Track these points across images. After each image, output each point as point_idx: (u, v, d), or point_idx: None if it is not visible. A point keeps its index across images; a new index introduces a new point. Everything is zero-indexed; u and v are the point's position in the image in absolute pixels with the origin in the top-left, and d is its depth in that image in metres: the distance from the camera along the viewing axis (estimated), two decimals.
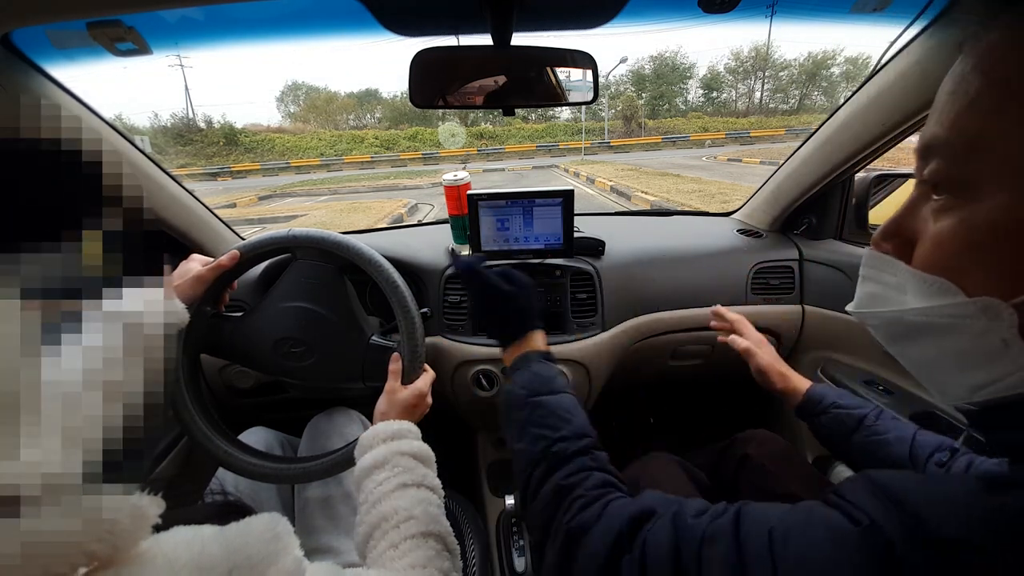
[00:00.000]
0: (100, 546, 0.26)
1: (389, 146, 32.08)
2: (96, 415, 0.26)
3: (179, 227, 1.04)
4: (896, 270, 0.32)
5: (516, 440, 0.52)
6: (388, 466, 0.57)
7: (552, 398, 0.53)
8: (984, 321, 0.27)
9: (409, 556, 0.49)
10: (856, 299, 0.37)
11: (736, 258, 1.17)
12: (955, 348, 0.30)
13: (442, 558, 0.50)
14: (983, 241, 0.27)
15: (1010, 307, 0.26)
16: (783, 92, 47.05)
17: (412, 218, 8.53)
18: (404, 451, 0.59)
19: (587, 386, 1.11)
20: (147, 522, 0.29)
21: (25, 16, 0.61)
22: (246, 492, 0.83)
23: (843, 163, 0.99)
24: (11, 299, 0.24)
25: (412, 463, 0.58)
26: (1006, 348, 0.27)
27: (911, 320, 0.31)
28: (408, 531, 0.51)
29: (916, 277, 0.30)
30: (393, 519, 0.52)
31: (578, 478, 0.44)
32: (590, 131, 33.74)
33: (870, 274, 0.36)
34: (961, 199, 0.28)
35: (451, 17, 0.70)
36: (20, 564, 0.23)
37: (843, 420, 0.70)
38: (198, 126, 33.65)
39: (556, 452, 0.47)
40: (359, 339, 0.81)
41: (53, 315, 0.26)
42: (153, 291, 0.31)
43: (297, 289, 0.81)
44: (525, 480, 0.48)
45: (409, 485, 0.56)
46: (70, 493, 0.24)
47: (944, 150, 0.29)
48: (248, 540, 0.33)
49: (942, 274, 0.29)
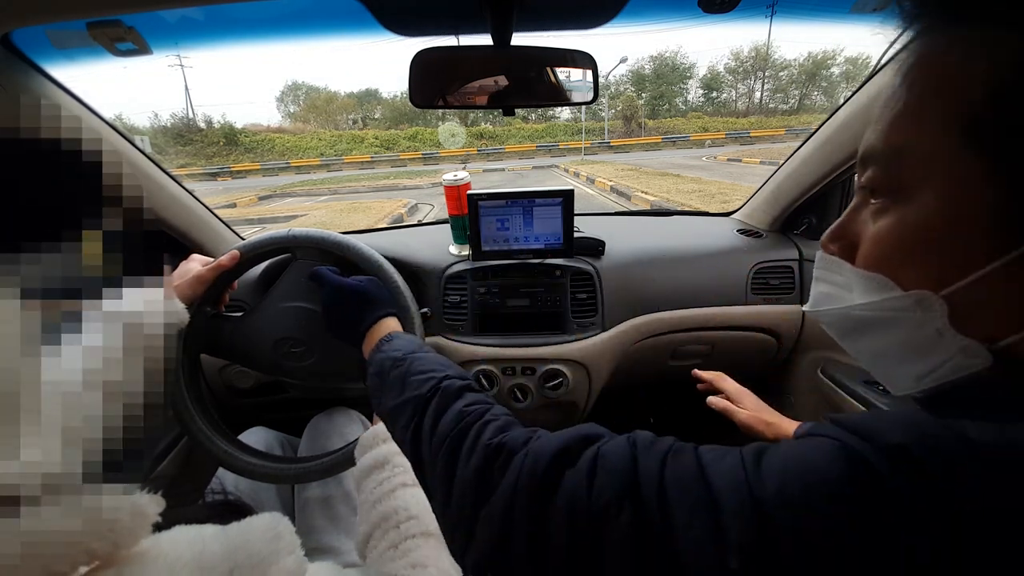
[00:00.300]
0: (101, 545, 0.26)
1: (389, 146, 32.08)
2: (96, 415, 0.26)
3: (179, 227, 1.04)
4: (842, 270, 0.35)
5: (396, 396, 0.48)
6: (388, 466, 0.57)
7: (427, 354, 0.52)
8: (919, 313, 0.30)
9: (410, 556, 0.49)
10: (811, 299, 0.40)
11: (736, 258, 1.17)
12: (897, 340, 0.32)
13: (445, 557, 0.50)
14: (914, 239, 0.30)
15: (940, 299, 0.29)
16: (783, 92, 47.08)
17: (412, 218, 8.54)
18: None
19: (587, 386, 1.11)
20: (147, 521, 0.29)
21: (25, 16, 0.61)
22: (246, 492, 0.83)
23: (843, 163, 0.99)
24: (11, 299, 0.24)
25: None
26: (940, 337, 0.30)
27: (857, 315, 0.34)
28: (409, 531, 0.51)
29: (859, 275, 0.33)
30: (393, 519, 0.52)
31: (482, 407, 0.43)
32: (590, 131, 33.75)
33: (821, 275, 0.38)
34: (894, 202, 0.31)
35: (451, 17, 0.70)
36: (20, 563, 0.23)
37: None
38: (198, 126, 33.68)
39: (448, 387, 0.45)
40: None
41: (53, 315, 0.26)
42: (153, 291, 0.31)
43: (297, 289, 0.81)
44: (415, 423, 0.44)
45: (410, 484, 0.56)
46: (70, 492, 0.24)
47: (878, 158, 0.31)
48: (249, 539, 0.33)
49: (881, 271, 0.32)
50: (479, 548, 0.34)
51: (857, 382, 0.98)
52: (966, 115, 0.26)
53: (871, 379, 0.97)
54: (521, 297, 1.08)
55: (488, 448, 0.37)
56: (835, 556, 0.24)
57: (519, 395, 1.10)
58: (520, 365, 1.07)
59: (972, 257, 0.28)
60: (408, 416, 0.46)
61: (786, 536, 0.25)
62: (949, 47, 0.28)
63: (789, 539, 0.25)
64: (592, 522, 0.30)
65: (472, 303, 1.08)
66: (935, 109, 0.28)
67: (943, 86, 0.28)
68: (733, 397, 0.84)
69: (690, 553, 0.26)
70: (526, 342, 1.07)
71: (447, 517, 0.39)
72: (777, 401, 1.30)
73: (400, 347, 0.54)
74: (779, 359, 1.23)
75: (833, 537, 0.24)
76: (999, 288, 0.27)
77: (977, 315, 0.29)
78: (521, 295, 1.08)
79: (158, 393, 0.30)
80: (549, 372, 1.07)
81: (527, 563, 0.32)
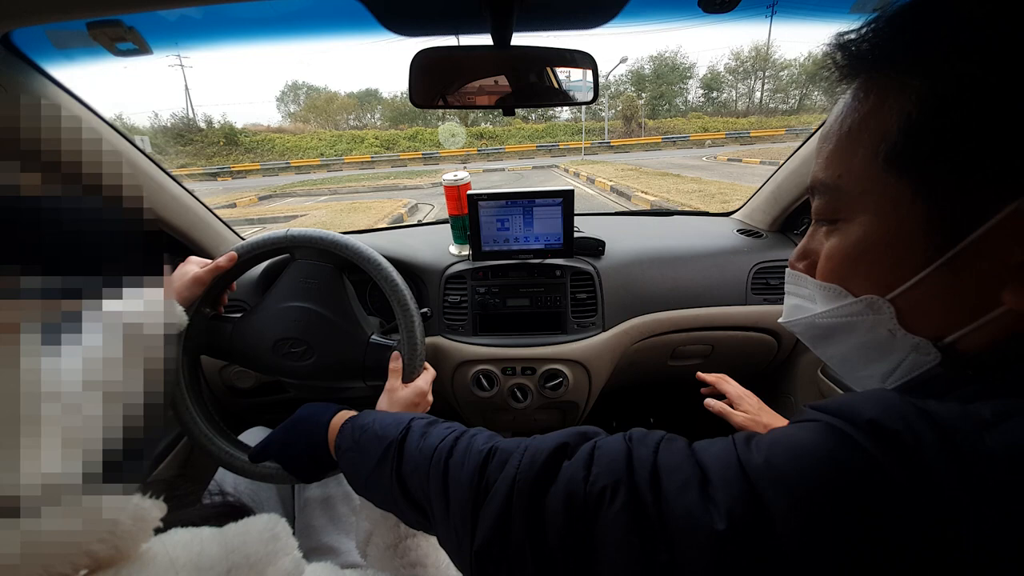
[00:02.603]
0: (101, 547, 0.26)
1: (389, 146, 32.07)
2: (96, 418, 0.26)
3: (179, 227, 1.04)
4: (807, 283, 0.39)
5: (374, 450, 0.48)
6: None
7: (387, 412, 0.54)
8: (872, 315, 0.34)
9: (409, 555, 0.49)
10: (784, 311, 0.44)
11: (736, 258, 1.17)
12: (858, 342, 0.36)
13: (442, 557, 0.50)
14: (858, 252, 0.34)
15: (887, 301, 0.33)
16: (783, 92, 47.06)
17: (412, 218, 8.54)
18: None
19: (587, 386, 1.11)
20: (149, 524, 0.29)
21: (25, 16, 0.61)
22: (246, 492, 0.83)
23: None
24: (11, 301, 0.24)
25: None
26: (894, 337, 0.34)
27: (821, 322, 0.38)
28: (408, 531, 0.51)
29: (819, 287, 0.38)
30: (393, 519, 0.52)
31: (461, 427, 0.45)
32: (590, 131, 33.74)
33: (790, 288, 0.43)
34: (839, 223, 0.35)
35: (451, 17, 0.70)
36: (21, 564, 0.23)
37: None
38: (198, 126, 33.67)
39: (418, 422, 0.47)
40: (359, 338, 0.80)
41: (53, 315, 0.26)
42: (153, 293, 0.31)
43: (296, 289, 0.81)
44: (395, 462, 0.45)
45: None
46: (70, 493, 0.24)
47: (821, 189, 0.36)
48: (247, 540, 0.33)
49: (835, 282, 0.36)
50: (480, 538, 0.36)
51: None
52: (887, 146, 0.31)
53: None
54: (521, 297, 1.08)
55: (482, 453, 0.40)
56: (824, 519, 0.25)
57: (519, 395, 1.09)
58: (520, 365, 1.07)
59: (911, 263, 0.31)
60: (390, 460, 0.46)
61: (776, 502, 0.26)
62: (868, 91, 0.32)
63: (779, 504, 0.26)
64: (588, 508, 0.32)
65: (472, 303, 1.08)
66: (861, 143, 0.32)
67: (866, 124, 0.32)
68: (733, 400, 0.84)
69: (680, 520, 0.28)
70: (526, 342, 1.07)
71: (449, 523, 0.39)
72: (777, 401, 1.30)
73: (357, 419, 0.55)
74: (779, 359, 1.23)
75: (821, 502, 0.26)
76: (938, 289, 0.31)
77: (923, 315, 0.33)
78: (521, 295, 1.08)
79: (158, 395, 0.30)
80: (549, 372, 1.07)
81: (527, 548, 0.33)
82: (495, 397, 1.09)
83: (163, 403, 0.37)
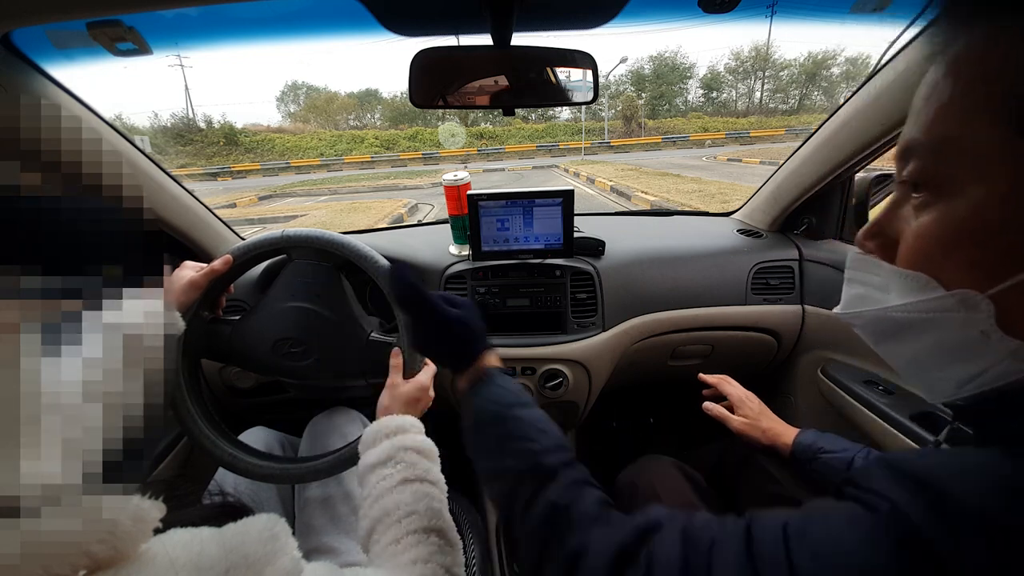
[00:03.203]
0: (101, 547, 0.26)
1: (389, 146, 32.07)
2: (96, 426, 0.26)
3: (179, 227, 1.04)
4: (880, 270, 0.33)
5: (493, 459, 0.48)
6: (391, 462, 0.57)
7: (527, 411, 0.50)
8: (963, 313, 0.28)
9: (411, 552, 0.49)
10: (843, 301, 0.38)
11: (736, 258, 1.17)
12: (938, 343, 0.30)
13: (444, 553, 0.50)
14: (959, 235, 0.28)
15: (987, 299, 0.27)
16: (783, 92, 47.07)
17: (412, 218, 8.54)
18: (407, 446, 0.59)
19: (587, 386, 1.10)
20: (148, 525, 0.29)
21: (25, 16, 0.61)
22: (246, 493, 0.83)
23: (843, 163, 0.99)
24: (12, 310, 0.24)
25: (415, 458, 0.58)
26: (986, 340, 0.28)
27: (894, 317, 0.32)
28: (410, 526, 0.51)
29: (898, 274, 0.31)
30: (395, 514, 0.52)
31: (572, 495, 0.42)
32: (590, 131, 33.74)
33: (855, 276, 0.37)
34: (938, 197, 0.29)
35: (451, 17, 0.70)
36: (21, 565, 0.23)
37: (832, 466, 0.70)
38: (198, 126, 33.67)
39: (542, 465, 0.44)
40: (358, 336, 0.80)
41: (53, 315, 0.26)
42: (152, 300, 0.31)
43: (294, 289, 0.81)
44: (509, 499, 0.44)
45: (412, 480, 0.56)
46: (70, 494, 0.24)
47: (921, 151, 0.30)
48: (245, 540, 0.33)
49: (922, 270, 0.30)
50: None
51: (857, 382, 0.98)
52: (1016, 107, 0.25)
53: (871, 379, 0.97)
54: (521, 297, 1.08)
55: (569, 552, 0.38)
56: None
57: None
58: (520, 365, 1.07)
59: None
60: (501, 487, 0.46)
61: None
62: (993, 39, 0.27)
63: None
64: None
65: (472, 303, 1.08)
66: (983, 101, 0.27)
67: (990, 78, 0.26)
68: (735, 403, 0.84)
69: None
70: (526, 342, 1.07)
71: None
72: (777, 401, 1.30)
73: (497, 398, 0.52)
74: (779, 359, 1.23)
75: None
76: None
77: None
78: (521, 295, 1.08)
79: (158, 399, 0.30)
80: (549, 372, 1.07)
81: None
82: None
83: (163, 404, 0.37)
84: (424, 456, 0.60)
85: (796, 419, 1.22)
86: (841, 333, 1.05)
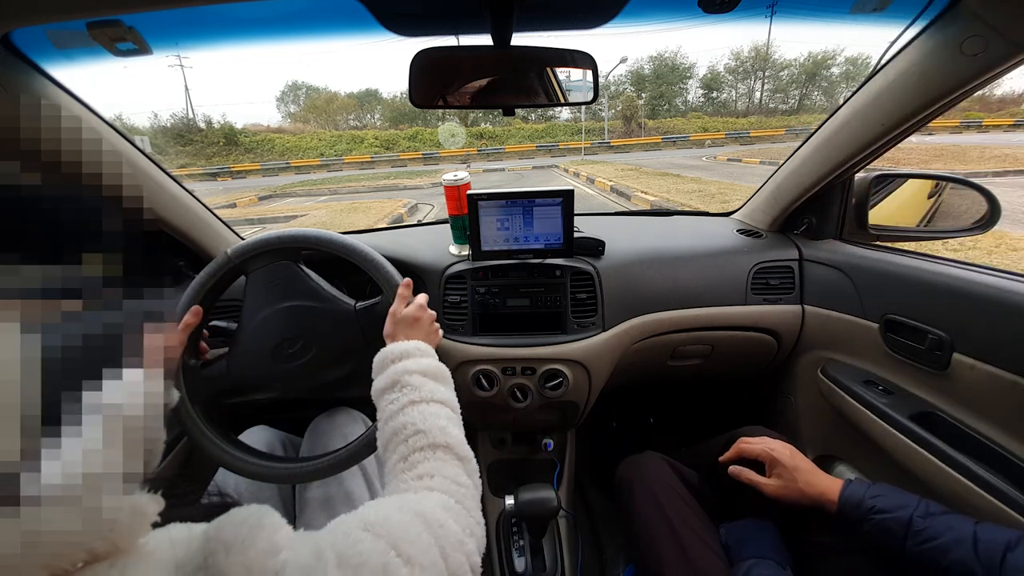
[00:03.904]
0: (100, 543, 0.26)
1: (389, 146, 32.07)
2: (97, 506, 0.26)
3: (179, 227, 1.04)
4: None
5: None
6: (398, 386, 0.59)
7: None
8: None
9: (417, 468, 0.50)
10: None
11: (736, 258, 1.17)
12: None
13: (451, 466, 0.51)
14: None
15: None
16: (783, 92, 47.03)
17: (412, 218, 8.53)
18: (411, 370, 0.61)
19: (587, 386, 1.10)
20: (146, 520, 0.29)
21: (25, 16, 0.61)
22: (247, 493, 0.83)
23: (843, 163, 0.99)
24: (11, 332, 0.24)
25: (420, 380, 0.60)
26: None
27: None
28: (416, 444, 0.52)
29: None
30: (402, 434, 0.54)
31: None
32: (590, 131, 33.73)
33: None
34: None
35: (451, 17, 0.70)
36: (21, 561, 0.23)
37: (889, 527, 0.63)
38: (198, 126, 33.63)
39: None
40: (346, 311, 0.81)
41: (53, 315, 0.26)
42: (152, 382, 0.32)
43: (268, 295, 0.81)
44: None
45: (417, 402, 0.57)
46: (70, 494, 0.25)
47: None
48: (224, 525, 0.33)
49: None
50: None
51: (857, 382, 0.98)
52: None
53: (871, 379, 0.97)
54: (521, 297, 1.08)
55: None
56: None
57: (519, 395, 1.09)
58: (520, 365, 1.07)
59: None
60: None
61: None
62: None
63: None
64: None
65: (472, 303, 1.08)
66: None
67: None
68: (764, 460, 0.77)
69: None
70: (526, 342, 1.07)
71: None
72: (777, 401, 1.30)
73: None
74: (779, 359, 1.23)
75: None
76: None
77: None
78: (521, 295, 1.08)
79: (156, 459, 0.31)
80: (549, 372, 1.07)
81: None
82: (495, 397, 1.09)
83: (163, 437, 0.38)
84: (429, 378, 0.61)
85: (796, 419, 1.22)
86: (841, 333, 1.05)
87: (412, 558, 0.37)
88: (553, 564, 1.10)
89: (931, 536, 0.59)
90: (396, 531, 0.38)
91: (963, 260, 0.88)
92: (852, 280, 1.02)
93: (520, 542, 1.14)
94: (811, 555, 0.75)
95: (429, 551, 0.39)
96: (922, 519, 0.61)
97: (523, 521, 1.09)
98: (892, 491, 0.67)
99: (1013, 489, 0.68)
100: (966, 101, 0.76)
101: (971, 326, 0.79)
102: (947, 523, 0.60)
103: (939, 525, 0.60)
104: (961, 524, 0.59)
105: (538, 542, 1.10)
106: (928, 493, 0.67)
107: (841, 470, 1.09)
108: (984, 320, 0.77)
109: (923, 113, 0.80)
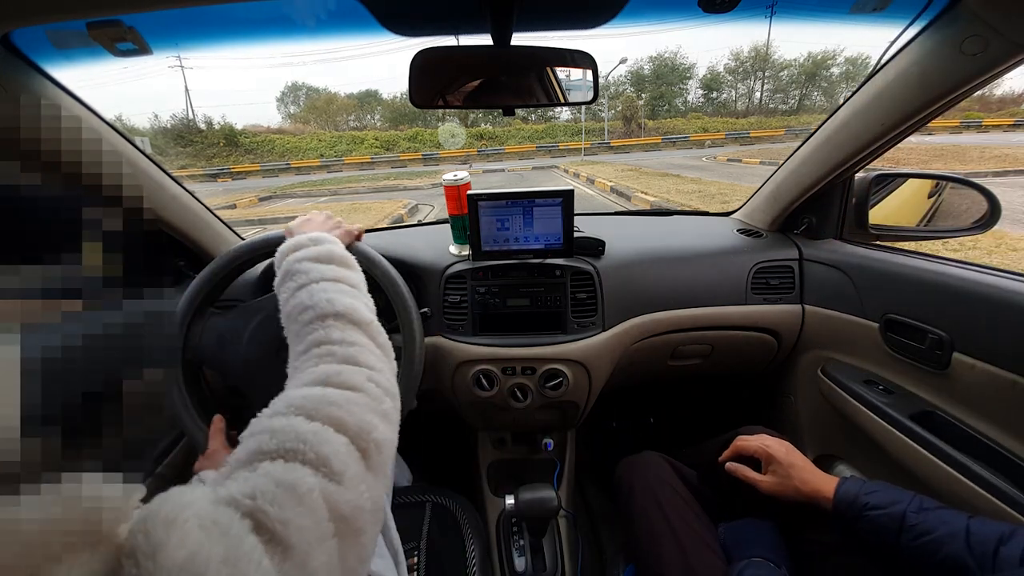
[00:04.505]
0: (82, 533, 0.26)
1: (389, 147, 32.08)
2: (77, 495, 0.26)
3: (179, 227, 1.04)
4: None
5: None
6: (288, 276, 0.60)
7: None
8: None
9: (308, 338, 0.50)
10: None
11: (736, 258, 1.17)
12: None
13: (338, 331, 0.51)
14: None
15: None
16: (783, 92, 47.04)
17: (412, 218, 8.54)
18: (301, 258, 0.61)
19: (587, 386, 1.10)
20: (129, 508, 0.29)
21: (25, 16, 0.61)
22: None
23: (843, 163, 0.99)
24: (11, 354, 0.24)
25: (309, 265, 0.60)
26: None
27: None
28: (304, 319, 0.53)
29: None
30: (296, 316, 0.54)
31: None
32: (590, 131, 33.74)
33: None
34: None
35: (451, 17, 0.70)
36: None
37: (883, 523, 0.63)
38: (198, 127, 33.63)
39: None
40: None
41: (53, 315, 0.26)
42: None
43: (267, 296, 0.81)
44: None
45: (306, 284, 0.57)
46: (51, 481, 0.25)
47: None
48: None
49: None
50: None
51: (857, 382, 0.98)
52: None
53: (871, 379, 0.97)
54: (521, 297, 1.08)
55: None
56: None
57: (519, 395, 1.09)
58: (520, 365, 1.07)
59: None
60: None
61: None
62: None
63: None
64: None
65: (472, 303, 1.08)
66: None
67: None
68: (760, 457, 0.78)
69: None
70: (526, 342, 1.07)
71: None
72: (777, 401, 1.30)
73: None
74: (779, 359, 1.23)
75: None
76: None
77: None
78: (521, 295, 1.08)
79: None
80: (549, 372, 1.07)
81: None
82: (495, 397, 1.09)
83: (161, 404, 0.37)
84: (321, 262, 0.61)
85: (796, 419, 1.22)
86: (841, 333, 1.05)
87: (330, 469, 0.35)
88: (553, 564, 1.10)
89: (924, 531, 0.59)
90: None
91: (963, 260, 0.88)
92: (852, 280, 1.02)
93: (520, 542, 1.14)
94: (810, 555, 0.76)
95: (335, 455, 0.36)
96: (915, 514, 0.61)
97: (523, 521, 1.09)
98: (886, 488, 0.67)
99: (1013, 488, 0.69)
100: (966, 101, 0.76)
101: (971, 326, 0.79)
102: (940, 518, 0.60)
103: (932, 520, 0.60)
104: (954, 518, 0.60)
105: (538, 542, 1.10)
106: (928, 492, 0.67)
107: (841, 469, 1.09)
108: (984, 320, 0.77)
109: (923, 113, 0.80)
